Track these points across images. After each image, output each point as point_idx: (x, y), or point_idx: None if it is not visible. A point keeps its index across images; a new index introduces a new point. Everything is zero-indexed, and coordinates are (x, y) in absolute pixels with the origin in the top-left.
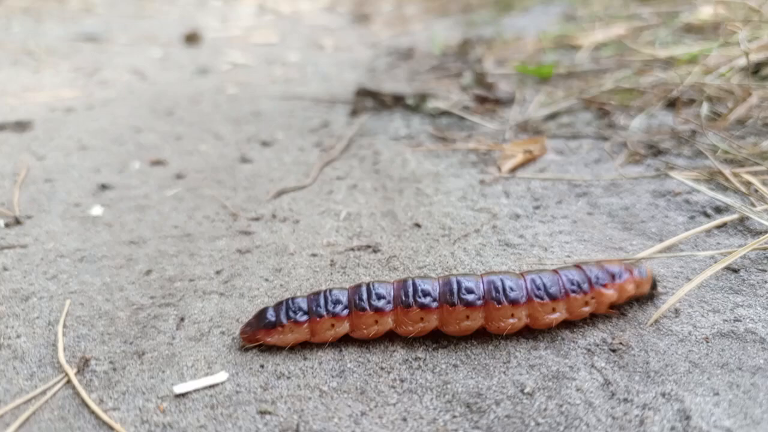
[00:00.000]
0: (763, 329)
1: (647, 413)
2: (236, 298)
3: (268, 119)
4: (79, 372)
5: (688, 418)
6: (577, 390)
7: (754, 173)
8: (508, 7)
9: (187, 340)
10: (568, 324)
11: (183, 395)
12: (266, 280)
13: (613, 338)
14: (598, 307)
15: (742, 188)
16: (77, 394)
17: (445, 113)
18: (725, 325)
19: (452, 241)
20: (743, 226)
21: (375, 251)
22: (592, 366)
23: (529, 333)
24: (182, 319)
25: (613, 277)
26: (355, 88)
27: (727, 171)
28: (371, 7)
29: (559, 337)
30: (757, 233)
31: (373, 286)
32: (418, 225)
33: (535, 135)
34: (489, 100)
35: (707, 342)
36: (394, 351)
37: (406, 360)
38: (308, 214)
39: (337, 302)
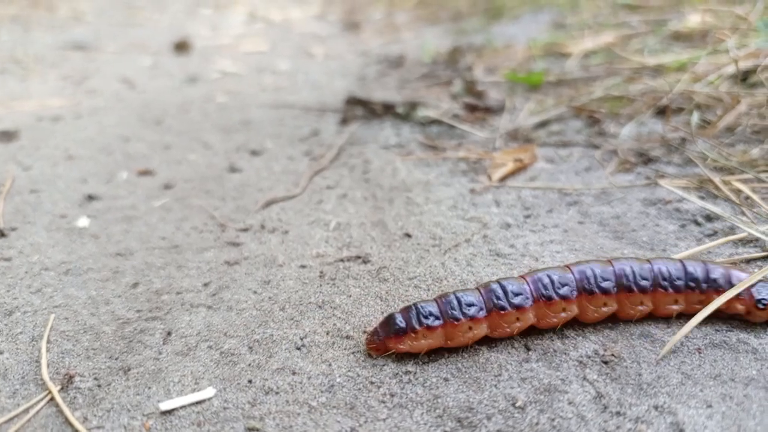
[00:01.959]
0: (755, 339)
1: (640, 427)
2: (224, 311)
3: (258, 128)
4: (63, 389)
5: (681, 431)
6: (569, 403)
7: (744, 181)
8: (497, 15)
9: (173, 354)
10: (560, 335)
11: (169, 412)
12: (255, 292)
13: (605, 350)
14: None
15: (732, 196)
16: (61, 412)
17: (435, 122)
18: (717, 336)
19: (443, 252)
20: (734, 235)
21: (365, 262)
22: (584, 378)
23: (522, 345)
24: (169, 333)
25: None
26: (345, 97)
27: (717, 179)
28: (362, 15)
29: (551, 349)
30: (748, 242)
31: (507, 283)
32: (408, 235)
33: (526, 143)
34: (479, 109)
35: (700, 353)
36: (384, 365)
37: (396, 374)
38: (297, 225)
39: (470, 304)
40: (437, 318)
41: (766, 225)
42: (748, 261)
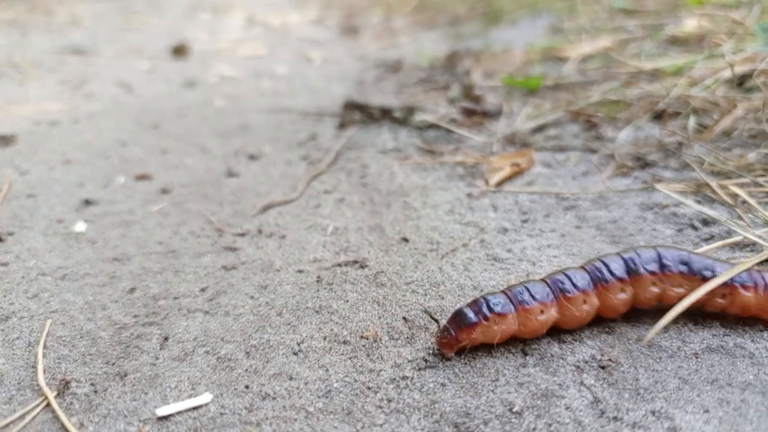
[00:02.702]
0: (752, 344)
1: None
2: (221, 316)
3: (256, 132)
4: (60, 395)
5: None
6: (567, 408)
7: (741, 185)
8: (495, 19)
9: (170, 360)
10: (557, 339)
11: (166, 418)
12: (252, 297)
13: (602, 354)
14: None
15: (729, 200)
16: (57, 418)
17: (432, 126)
18: (714, 340)
19: (440, 256)
20: (731, 239)
21: (362, 267)
22: (582, 383)
23: (519, 350)
24: (166, 339)
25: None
26: (343, 101)
27: (713, 183)
28: (360, 19)
29: (548, 354)
30: (744, 245)
31: (570, 273)
32: (405, 239)
33: (523, 148)
34: (476, 113)
35: (697, 357)
36: (381, 370)
37: (393, 379)
38: (295, 229)
39: (539, 291)
40: (506, 305)
41: (762, 229)
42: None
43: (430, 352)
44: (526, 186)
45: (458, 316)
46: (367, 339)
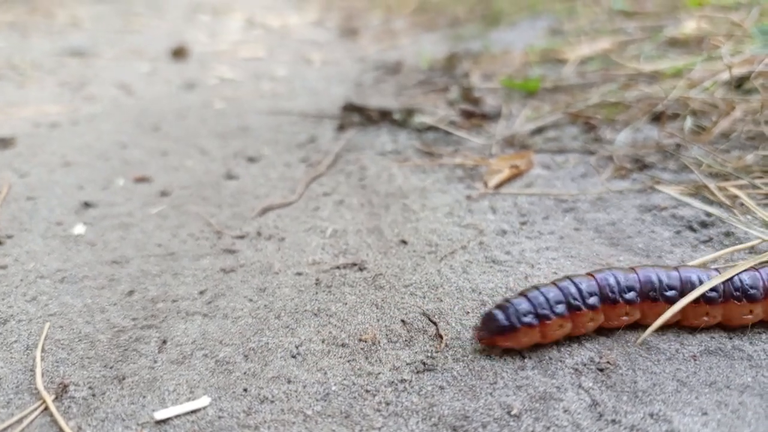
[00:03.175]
0: (751, 346)
1: None
2: (220, 319)
3: (255, 134)
4: (58, 398)
5: None
6: (565, 411)
7: (739, 187)
8: (495, 21)
9: (169, 363)
10: (555, 343)
11: (164, 421)
12: (250, 300)
13: (601, 357)
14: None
15: (727, 202)
16: (55, 421)
17: (431, 128)
18: (712, 343)
19: (439, 258)
20: (729, 241)
21: (361, 269)
22: (580, 386)
23: (517, 353)
24: (164, 342)
25: None
26: (342, 103)
27: (712, 185)
28: (359, 21)
29: (547, 357)
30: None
31: (620, 275)
32: (404, 242)
33: (522, 150)
34: (476, 115)
35: (695, 360)
36: (379, 373)
37: (392, 382)
38: (294, 232)
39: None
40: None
41: (763, 230)
42: None
43: (429, 354)
44: (525, 188)
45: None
46: (366, 342)
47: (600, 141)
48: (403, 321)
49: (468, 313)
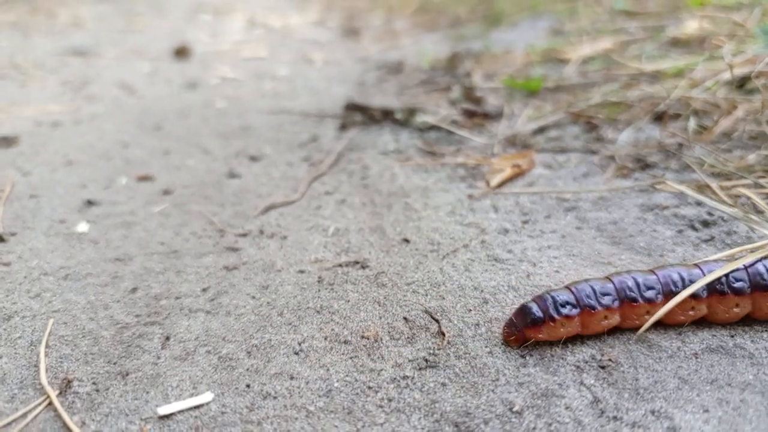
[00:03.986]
0: (752, 344)
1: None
2: (223, 316)
3: (257, 134)
4: (62, 394)
5: None
6: (566, 408)
7: (743, 186)
8: (496, 21)
9: (172, 359)
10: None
11: (167, 416)
12: (253, 297)
13: (602, 354)
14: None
15: (730, 201)
16: (59, 416)
17: (433, 127)
18: (714, 340)
19: (441, 257)
20: (731, 239)
21: (363, 267)
22: (581, 383)
23: (516, 351)
24: (167, 338)
25: None
26: (344, 103)
27: (714, 184)
28: (361, 21)
29: (548, 354)
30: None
31: (641, 277)
32: (406, 240)
33: (524, 149)
34: (477, 114)
35: (696, 357)
36: (381, 370)
37: (394, 379)
38: (296, 230)
39: (606, 294)
40: (575, 306)
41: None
42: None
43: (431, 351)
44: (526, 187)
45: (523, 314)
46: (368, 339)
47: (602, 140)
48: (405, 318)
49: (470, 310)
